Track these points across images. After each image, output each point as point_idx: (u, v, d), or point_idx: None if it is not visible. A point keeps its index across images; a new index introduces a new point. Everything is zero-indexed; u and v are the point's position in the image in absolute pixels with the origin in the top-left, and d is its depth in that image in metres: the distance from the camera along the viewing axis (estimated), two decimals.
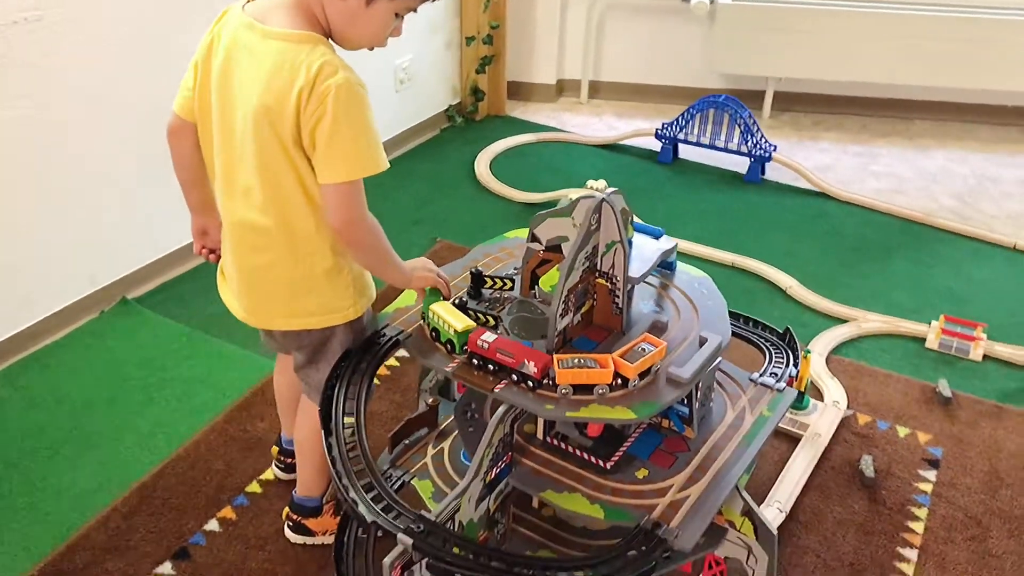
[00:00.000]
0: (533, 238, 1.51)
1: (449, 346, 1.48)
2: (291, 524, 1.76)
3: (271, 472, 1.91)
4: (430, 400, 1.83)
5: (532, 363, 1.38)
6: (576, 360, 1.39)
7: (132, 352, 2.30)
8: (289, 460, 1.88)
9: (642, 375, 1.40)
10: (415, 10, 1.41)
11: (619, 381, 1.40)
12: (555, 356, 1.40)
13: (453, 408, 1.75)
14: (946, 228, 2.99)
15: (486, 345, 1.42)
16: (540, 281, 1.51)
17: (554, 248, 1.51)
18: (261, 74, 1.33)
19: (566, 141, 3.56)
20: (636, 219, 1.59)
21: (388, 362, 2.26)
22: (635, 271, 1.52)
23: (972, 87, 3.63)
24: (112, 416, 2.08)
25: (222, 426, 2.04)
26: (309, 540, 1.76)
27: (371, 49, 1.43)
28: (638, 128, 3.57)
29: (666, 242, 1.63)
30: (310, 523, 1.75)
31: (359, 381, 1.50)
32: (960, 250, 2.88)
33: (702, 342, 1.50)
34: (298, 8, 1.35)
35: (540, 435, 1.57)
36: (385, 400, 2.13)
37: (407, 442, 1.73)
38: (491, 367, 1.42)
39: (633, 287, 1.54)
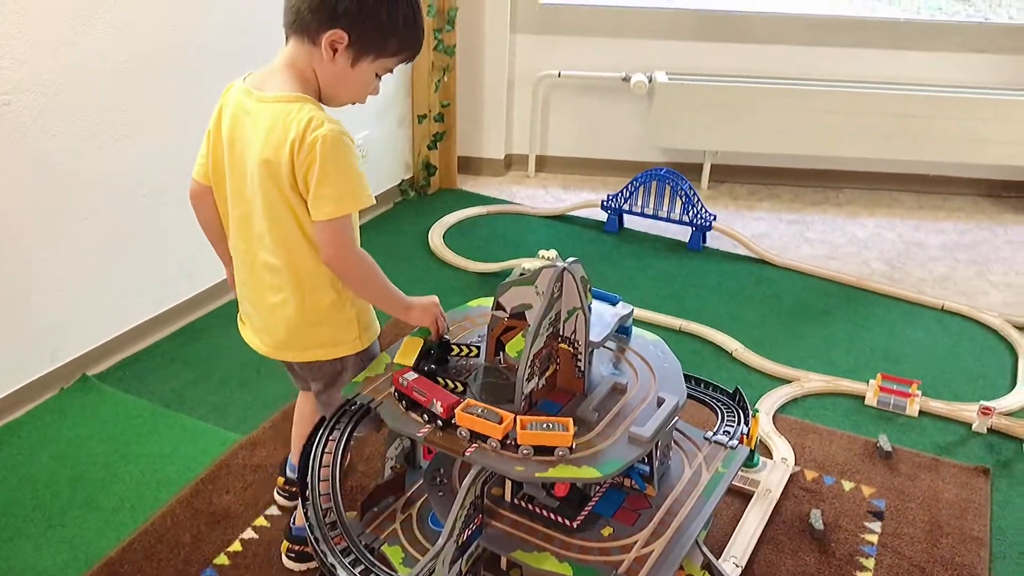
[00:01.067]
0: (498, 306, 1.60)
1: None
2: (292, 555, 1.86)
3: (262, 519, 1.93)
4: (396, 467, 1.87)
5: (440, 403, 1.48)
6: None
7: (94, 429, 2.30)
8: (293, 489, 1.98)
9: (538, 450, 1.44)
10: (391, 71, 1.60)
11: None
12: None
13: (419, 475, 1.81)
14: (878, 291, 3.15)
15: (406, 383, 1.52)
16: (507, 347, 1.59)
17: (518, 315, 1.59)
18: (260, 133, 1.51)
19: (516, 213, 3.67)
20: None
21: None
22: (595, 336, 1.60)
23: (896, 158, 3.85)
24: (75, 494, 2.08)
25: (188, 499, 2.05)
26: (312, 564, 1.85)
27: (353, 104, 1.62)
28: (584, 199, 3.71)
29: (623, 308, 1.73)
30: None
31: (334, 449, 1.55)
32: (892, 311, 3.03)
33: (660, 402, 1.59)
34: (291, 72, 1.54)
35: (508, 497, 1.63)
36: (345, 468, 2.16)
37: (376, 509, 1.77)
38: (461, 433, 1.49)
39: (594, 351, 1.63)
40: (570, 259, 1.57)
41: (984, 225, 3.74)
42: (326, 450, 1.54)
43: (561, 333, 1.59)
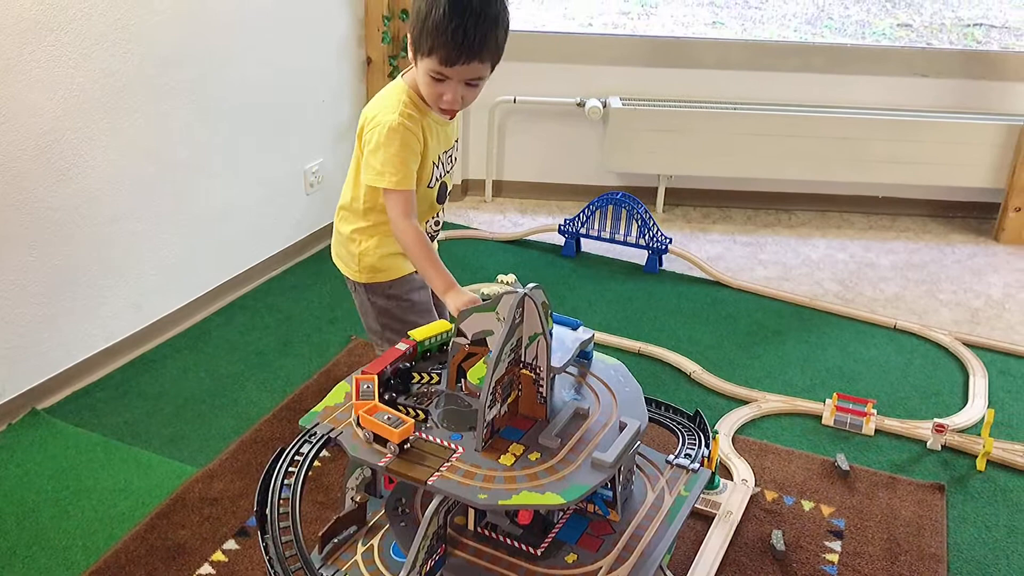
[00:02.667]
0: (459, 333, 1.59)
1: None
2: None
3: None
4: (357, 497, 1.85)
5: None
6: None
7: (44, 464, 2.24)
8: None
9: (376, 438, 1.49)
10: (443, 77, 1.75)
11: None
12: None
13: (380, 504, 1.78)
14: (832, 311, 3.19)
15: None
16: (468, 374, 1.58)
17: (479, 342, 1.59)
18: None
19: (474, 238, 3.67)
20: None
21: None
22: (557, 361, 1.60)
23: (844, 180, 3.93)
24: (25, 532, 2.02)
25: (142, 535, 2.00)
26: None
27: (438, 110, 1.84)
28: (542, 224, 3.72)
29: (583, 332, 1.73)
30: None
31: (292, 480, 1.52)
32: (845, 331, 3.08)
33: (622, 427, 1.59)
34: (414, 73, 1.82)
35: (471, 526, 1.61)
36: (307, 500, 2.13)
37: (336, 540, 1.74)
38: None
39: (555, 376, 1.62)
40: (531, 285, 1.57)
41: (932, 245, 3.82)
42: (285, 481, 1.51)
43: (523, 359, 1.58)
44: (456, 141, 2.01)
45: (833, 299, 3.30)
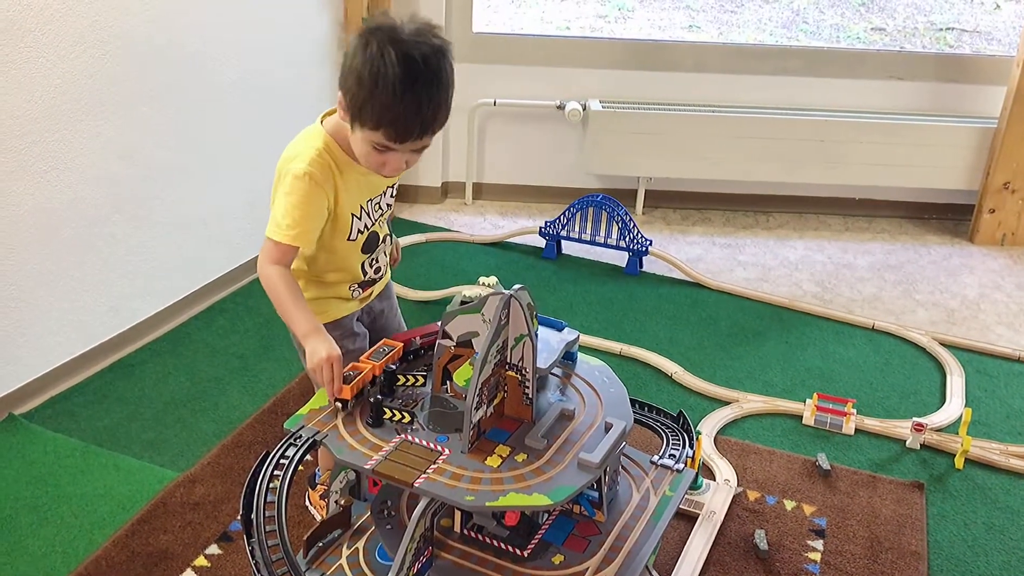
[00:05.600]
0: (444, 335, 1.59)
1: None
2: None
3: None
4: (341, 501, 1.84)
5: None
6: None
7: (21, 470, 2.21)
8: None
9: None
10: (388, 148, 1.61)
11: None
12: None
13: (365, 507, 1.78)
14: (810, 312, 3.22)
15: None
16: (454, 376, 1.57)
17: (465, 344, 1.59)
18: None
19: (454, 240, 3.67)
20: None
21: None
22: (543, 362, 1.61)
23: (820, 182, 3.96)
24: (2, 540, 1.99)
25: (124, 541, 1.98)
26: (308, 504, 2.07)
27: (380, 174, 1.70)
28: (522, 226, 3.73)
29: (568, 334, 1.73)
30: (310, 492, 2.07)
31: (278, 484, 1.51)
32: (824, 331, 3.10)
33: (607, 427, 1.60)
34: (334, 119, 1.70)
35: (457, 528, 1.61)
36: (291, 504, 2.11)
37: (321, 544, 1.74)
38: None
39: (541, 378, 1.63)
40: (516, 286, 1.57)
41: (908, 246, 3.86)
42: (270, 485, 1.50)
43: (508, 360, 1.59)
44: (390, 187, 1.83)
45: (812, 300, 3.33)
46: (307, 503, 2.11)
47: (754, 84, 3.92)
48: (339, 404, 1.60)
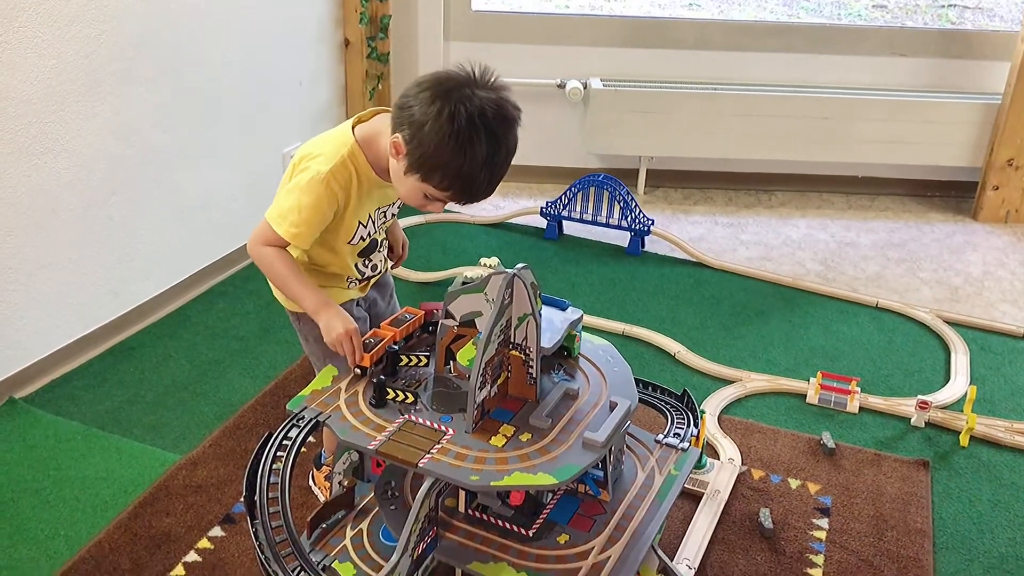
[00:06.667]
0: (447, 315, 1.57)
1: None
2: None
3: (206, 543, 1.87)
4: (345, 482, 1.83)
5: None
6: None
7: (23, 454, 2.20)
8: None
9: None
10: (443, 201, 1.61)
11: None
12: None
13: (368, 488, 1.77)
14: (814, 290, 3.20)
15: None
16: (457, 356, 1.56)
17: (468, 323, 1.57)
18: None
19: (455, 221, 3.65)
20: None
21: None
22: (547, 341, 1.59)
23: (823, 160, 3.94)
24: (6, 523, 1.99)
25: (126, 523, 1.98)
26: (312, 485, 2.08)
27: (417, 208, 1.69)
28: (523, 207, 3.71)
29: (572, 313, 1.72)
30: (315, 473, 2.07)
31: (281, 465, 1.50)
32: (828, 310, 3.09)
33: (612, 406, 1.58)
34: (373, 128, 1.69)
35: (462, 508, 1.60)
36: (294, 486, 2.10)
37: (325, 525, 1.73)
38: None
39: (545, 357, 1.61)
40: (519, 265, 1.55)
41: (912, 224, 3.84)
42: (273, 466, 1.49)
43: (512, 340, 1.57)
44: (400, 198, 1.81)
45: (815, 279, 3.31)
46: (311, 484, 2.10)
47: (756, 61, 3.88)
48: (358, 371, 1.62)
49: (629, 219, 3.41)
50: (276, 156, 3.25)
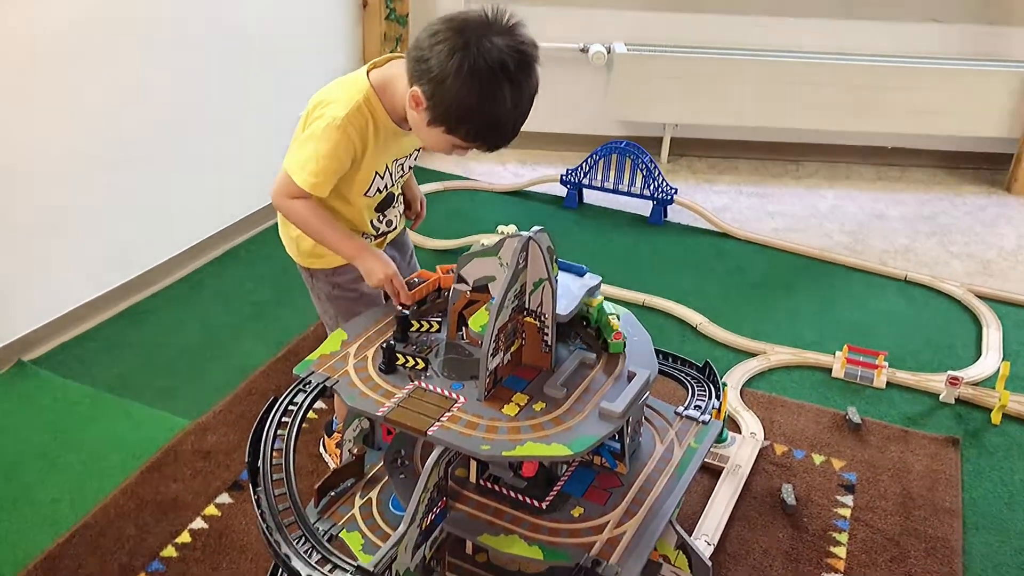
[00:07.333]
0: (459, 279, 1.51)
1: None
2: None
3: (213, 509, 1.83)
4: (354, 450, 1.78)
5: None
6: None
7: (31, 417, 2.17)
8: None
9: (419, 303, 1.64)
10: (467, 149, 1.58)
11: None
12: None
13: (378, 456, 1.72)
14: (841, 263, 3.11)
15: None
16: (469, 321, 1.50)
17: (481, 288, 1.51)
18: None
19: (473, 189, 3.58)
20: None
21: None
22: (563, 308, 1.53)
23: (852, 129, 3.83)
24: (11, 486, 1.96)
25: (133, 489, 1.94)
26: (322, 451, 2.05)
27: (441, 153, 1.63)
28: (543, 174, 3.62)
29: (590, 279, 1.65)
30: (325, 440, 2.04)
31: (286, 431, 1.45)
32: (855, 283, 3.00)
33: (630, 376, 1.52)
34: (389, 73, 1.62)
35: (473, 478, 1.55)
36: (303, 453, 2.06)
37: (333, 493, 1.68)
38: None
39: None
40: (535, 228, 1.48)
41: (943, 196, 3.73)
42: (278, 432, 1.44)
43: (527, 306, 1.51)
44: (416, 150, 1.77)
45: (843, 251, 3.22)
46: (322, 451, 2.06)
47: (785, 26, 3.76)
48: (401, 309, 1.59)
49: (652, 188, 3.32)
50: (291, 120, 3.18)
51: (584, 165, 3.41)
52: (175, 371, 2.39)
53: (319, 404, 2.22)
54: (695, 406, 1.76)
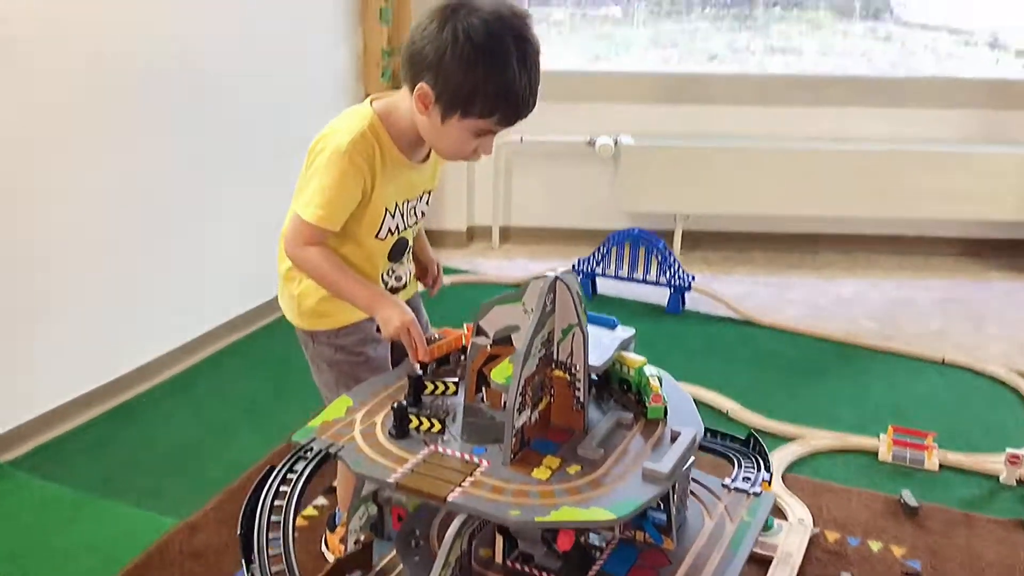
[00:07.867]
0: (479, 331, 1.35)
1: None
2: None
3: None
4: (362, 537, 1.58)
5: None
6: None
7: (3, 523, 1.97)
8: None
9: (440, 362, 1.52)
10: (491, 132, 1.50)
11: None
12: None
13: (388, 547, 1.52)
14: (873, 347, 2.95)
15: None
16: (492, 373, 1.33)
17: (503, 341, 1.35)
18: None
19: (484, 282, 3.45)
20: None
21: (305, 511, 2.00)
22: (596, 359, 1.36)
23: (868, 216, 3.73)
24: None
25: None
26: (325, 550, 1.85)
27: (462, 160, 1.57)
28: (552, 267, 3.49)
29: (623, 331, 1.50)
30: (328, 536, 1.85)
31: (285, 503, 1.26)
32: (891, 366, 2.83)
33: (674, 436, 1.34)
34: (392, 104, 1.54)
35: (499, 558, 1.35)
36: (306, 551, 1.85)
37: None
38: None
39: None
40: (562, 268, 1.34)
41: (970, 282, 3.59)
42: (275, 503, 1.25)
43: (555, 357, 1.34)
44: (427, 193, 1.68)
45: (872, 336, 3.05)
46: (324, 548, 1.85)
47: (792, 115, 3.73)
48: (418, 366, 1.49)
49: (668, 275, 3.19)
50: None
51: (597, 253, 3.29)
52: (165, 470, 2.20)
53: (321, 500, 2.04)
54: (743, 478, 1.58)
